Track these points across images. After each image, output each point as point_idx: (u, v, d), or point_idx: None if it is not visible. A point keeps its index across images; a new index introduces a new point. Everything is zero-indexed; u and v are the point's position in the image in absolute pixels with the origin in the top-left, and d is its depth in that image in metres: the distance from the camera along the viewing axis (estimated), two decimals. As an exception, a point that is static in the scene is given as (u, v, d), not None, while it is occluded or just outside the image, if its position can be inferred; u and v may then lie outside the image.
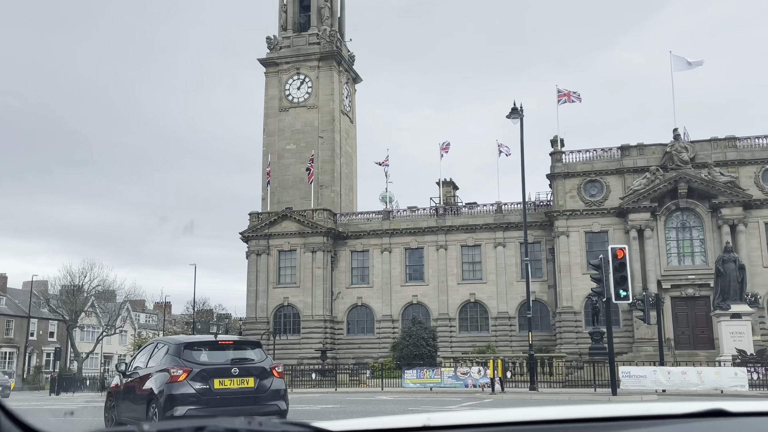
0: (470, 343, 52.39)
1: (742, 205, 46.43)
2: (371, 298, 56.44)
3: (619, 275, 17.58)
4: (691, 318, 47.35)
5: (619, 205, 49.08)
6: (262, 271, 56.87)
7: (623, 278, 17.62)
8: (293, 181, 60.83)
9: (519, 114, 26.92)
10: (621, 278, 17.58)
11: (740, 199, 46.38)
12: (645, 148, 50.35)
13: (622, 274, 17.59)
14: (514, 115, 26.91)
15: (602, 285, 18.01)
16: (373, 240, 57.11)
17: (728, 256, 32.81)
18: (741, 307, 31.81)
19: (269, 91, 63.84)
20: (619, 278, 17.55)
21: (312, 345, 52.88)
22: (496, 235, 54.65)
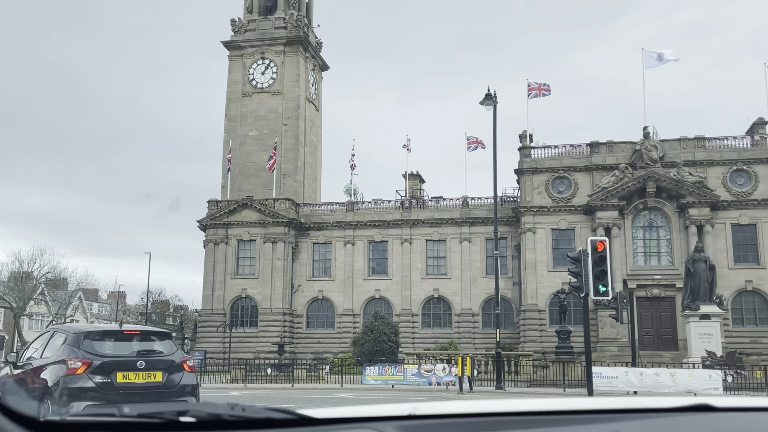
0: (433, 340, 51.55)
1: (710, 206, 46.35)
2: (332, 291, 55.23)
3: (599, 269, 16.67)
4: (656, 319, 47.17)
5: (587, 203, 48.64)
6: (219, 261, 55.22)
7: (603, 273, 16.72)
8: (255, 169, 59.21)
9: (493, 100, 25.99)
10: (600, 273, 16.68)
11: (708, 199, 46.27)
12: (614, 146, 50.01)
13: (601, 268, 16.69)
14: (488, 101, 25.96)
15: (580, 279, 17.10)
16: (336, 232, 55.87)
17: (699, 255, 32.39)
18: (711, 308, 31.42)
19: (232, 75, 62.05)
20: (599, 273, 16.64)
21: (269, 338, 51.43)
22: (461, 230, 53.87)
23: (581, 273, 16.86)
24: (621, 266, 47.66)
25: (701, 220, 46.32)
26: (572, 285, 17.26)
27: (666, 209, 47.73)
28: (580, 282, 16.86)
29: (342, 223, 55.67)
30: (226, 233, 55.54)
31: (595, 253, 16.77)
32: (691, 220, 46.56)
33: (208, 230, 56.16)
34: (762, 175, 47.01)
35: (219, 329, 53.72)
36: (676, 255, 47.31)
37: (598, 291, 16.63)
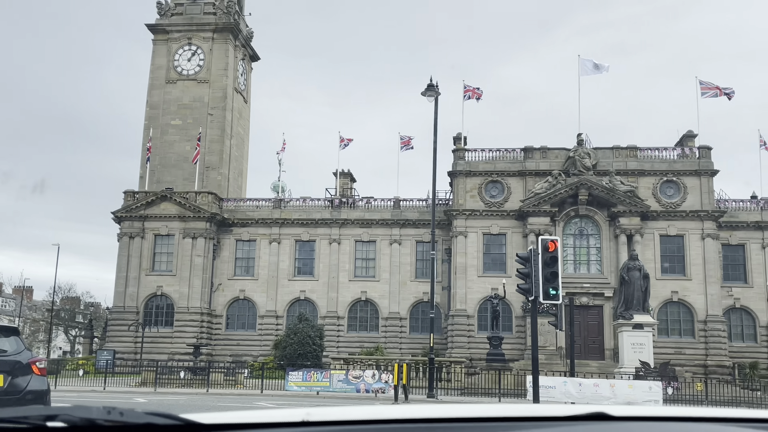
0: (358, 344, 50.12)
1: (640, 216, 46.66)
2: (255, 291, 53.05)
3: (550, 271, 15.55)
4: (584, 327, 47.07)
5: (520, 208, 48.24)
6: (134, 256, 52.21)
7: (554, 275, 15.62)
8: (177, 160, 56.45)
9: (435, 91, 24.73)
10: (551, 275, 15.56)
11: (638, 209, 46.56)
12: (548, 152, 49.85)
13: (552, 269, 15.57)
14: (430, 91, 24.69)
15: (530, 281, 15.91)
16: (261, 229, 53.73)
17: (633, 264, 32.10)
18: (644, 318, 31.13)
19: (156, 60, 59.08)
20: (549, 275, 15.52)
21: (185, 339, 48.89)
22: (392, 231, 52.68)
23: (531, 274, 15.66)
24: (551, 273, 47.45)
25: (631, 229, 46.57)
26: (520, 287, 16.05)
27: (597, 217, 47.81)
28: (529, 284, 15.66)
29: (268, 220, 53.58)
30: (143, 226, 52.60)
31: (546, 254, 15.65)
32: (621, 229, 46.76)
33: (123, 222, 53.07)
34: (691, 186, 47.69)
35: (131, 328, 50.71)
36: (605, 264, 47.42)
37: (548, 294, 15.50)
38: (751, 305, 48.46)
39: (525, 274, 15.86)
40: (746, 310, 48.55)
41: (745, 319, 48.74)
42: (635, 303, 30.80)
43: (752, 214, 49.44)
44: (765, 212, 49.27)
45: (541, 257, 15.59)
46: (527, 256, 15.88)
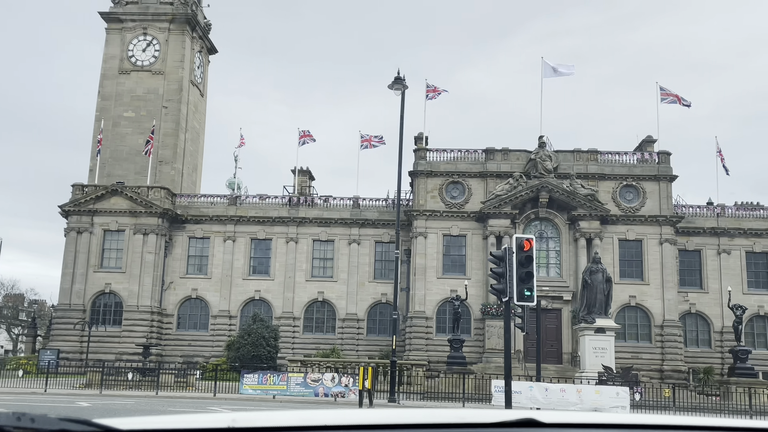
0: (314, 346, 49.18)
1: (600, 220, 46.78)
2: (208, 290, 51.65)
3: (525, 271, 14.88)
4: (542, 331, 46.76)
5: (480, 210, 47.91)
6: (82, 251, 50.32)
7: (529, 275, 14.92)
8: (129, 153, 54.70)
9: (402, 84, 23.98)
10: (526, 275, 14.87)
11: (599, 213, 46.68)
12: (509, 153, 49.65)
13: (527, 269, 14.88)
14: (397, 85, 23.93)
15: (504, 281, 15.20)
16: (215, 226, 52.36)
17: (596, 267, 31.88)
18: (606, 322, 30.91)
19: (109, 50, 57.21)
20: (524, 275, 14.84)
21: (134, 339, 47.22)
22: (351, 231, 51.86)
23: (505, 274, 14.97)
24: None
25: (591, 233, 46.66)
26: (494, 288, 15.33)
27: (557, 220, 47.79)
28: (504, 285, 14.96)
29: (223, 217, 52.25)
30: (92, 221, 50.75)
31: (521, 253, 14.99)
32: (581, 232, 46.81)
33: (70, 217, 51.15)
34: (650, 191, 48.01)
35: (77, 327, 48.85)
36: (564, 267, 47.41)
37: (523, 295, 14.84)
38: (707, 311, 49.05)
39: (499, 274, 15.15)
40: (701, 315, 49.13)
41: (700, 325, 49.31)
42: (597, 307, 30.57)
43: (708, 220, 50.05)
44: (721, 218, 49.93)
45: (516, 256, 14.93)
46: (502, 255, 15.20)
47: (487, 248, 47.96)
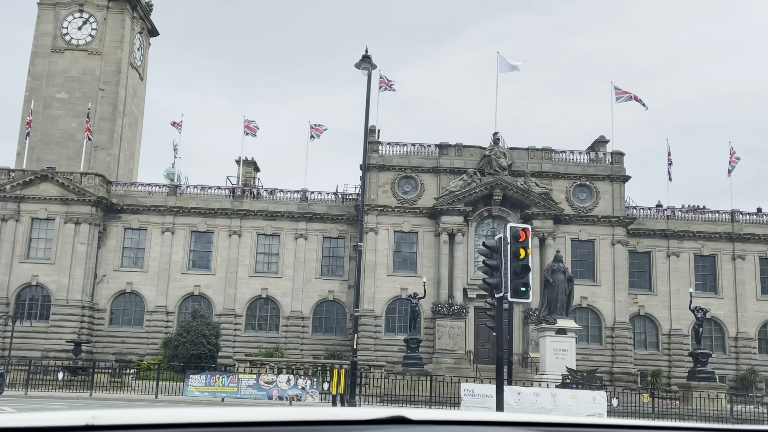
0: (257, 344, 47.36)
1: (554, 219, 46.45)
2: (144, 284, 49.14)
3: (520, 264, 13.59)
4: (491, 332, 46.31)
5: (433, 206, 46.97)
6: (7, 240, 47.17)
7: (525, 268, 13.57)
8: (60, 137, 51.72)
9: (370, 63, 22.55)
10: (522, 268, 13.56)
11: (552, 212, 46.34)
12: (464, 149, 48.86)
13: (523, 262, 13.62)
14: (365, 63, 22.42)
15: (498, 275, 13.81)
16: (153, 217, 49.88)
17: (558, 266, 31.15)
18: (567, 323, 30.22)
19: (41, 26, 54.02)
20: (520, 268, 13.52)
21: (63, 335, 44.42)
22: (298, 225, 50.18)
23: (500, 267, 13.61)
24: (463, 274, 46.50)
25: (544, 232, 46.27)
26: (487, 282, 13.97)
27: (510, 219, 47.08)
28: (498, 279, 13.56)
29: (161, 207, 49.81)
30: (18, 209, 47.61)
31: (515, 244, 13.70)
32: (534, 231, 46.19)
33: (-6, 203, 47.91)
34: (603, 191, 47.94)
35: (0, 321, 45.76)
36: (517, 266, 46.88)
37: (519, 291, 13.53)
38: (655, 313, 49.32)
39: (492, 267, 13.74)
40: (650, 317, 49.38)
41: (649, 327, 49.56)
42: (559, 307, 29.85)
43: (659, 223, 50.35)
44: (671, 221, 50.29)
45: (510, 248, 13.64)
46: (495, 246, 13.80)
47: (440, 246, 47.10)
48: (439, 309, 45.33)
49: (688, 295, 48.99)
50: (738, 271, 49.97)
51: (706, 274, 50.25)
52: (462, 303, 45.82)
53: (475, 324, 46.35)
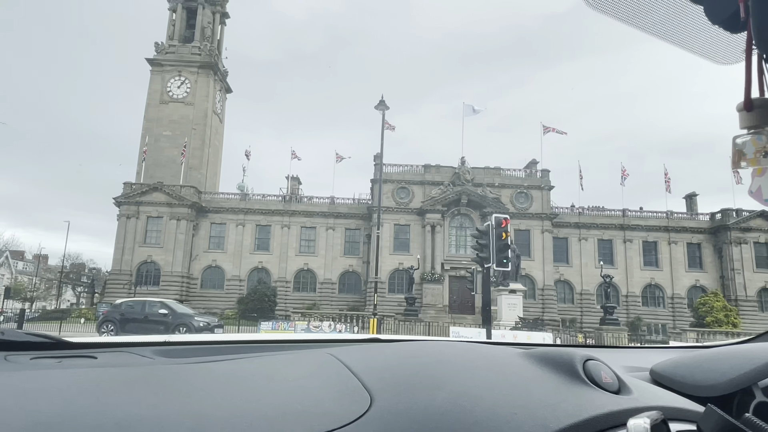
0: (300, 301, 46.34)
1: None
2: (224, 261, 48.15)
3: (502, 243, 12.82)
4: (461, 291, 45.27)
5: (420, 207, 46.04)
6: (130, 231, 46.18)
7: (505, 246, 12.75)
8: (166, 161, 50.61)
9: (384, 105, 21.92)
10: (504, 246, 12.75)
11: (501, 211, 44.99)
12: (441, 168, 47.90)
13: (505, 242, 12.85)
14: (381, 106, 21.93)
15: (487, 251, 13.04)
16: (230, 216, 48.90)
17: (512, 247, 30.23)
18: (516, 285, 29.36)
19: (153, 85, 52.91)
20: (502, 246, 12.72)
21: (169, 295, 43.26)
22: (328, 221, 49.20)
23: (488, 245, 12.80)
24: (441, 253, 45.53)
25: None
26: (479, 256, 13.14)
27: (472, 215, 46.25)
28: (487, 254, 12.80)
29: (236, 209, 48.85)
30: (138, 210, 46.63)
31: (498, 228, 12.91)
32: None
33: (122, 206, 46.88)
34: (535, 197, 47.04)
35: (125, 286, 44.75)
36: (477, 248, 45.91)
37: (501, 262, 12.74)
38: (571, 279, 48.39)
39: (483, 245, 12.94)
40: (568, 282, 48.41)
41: (567, 289, 48.57)
42: (511, 274, 29.03)
43: (573, 217, 49.42)
44: (581, 216, 49.37)
45: (495, 231, 12.84)
46: (485, 231, 13.04)
47: (425, 234, 46.11)
48: (425, 277, 44.37)
49: (595, 267, 48.31)
50: (628, 251, 49.03)
51: (606, 252, 49.29)
52: (440, 273, 44.88)
53: (449, 287, 45.40)
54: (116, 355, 1.09)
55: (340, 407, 0.76)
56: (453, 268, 45.67)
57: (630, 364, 1.30)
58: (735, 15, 0.90)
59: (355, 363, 0.93)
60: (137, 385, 0.80)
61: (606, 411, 0.74)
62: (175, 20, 54.72)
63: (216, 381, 0.84)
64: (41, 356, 0.99)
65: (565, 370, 0.85)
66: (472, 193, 45.41)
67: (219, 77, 55.92)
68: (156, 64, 52.88)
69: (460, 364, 0.89)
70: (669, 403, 0.83)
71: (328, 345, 1.34)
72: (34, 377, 0.82)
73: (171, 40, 54.20)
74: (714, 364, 1.11)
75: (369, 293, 45.58)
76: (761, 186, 0.97)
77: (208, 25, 55.13)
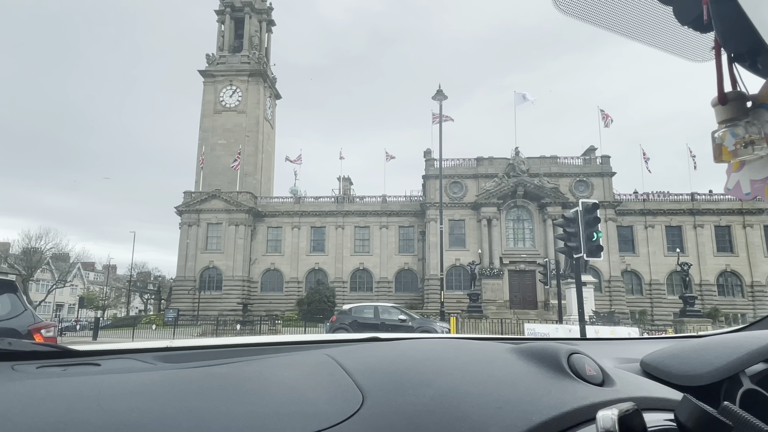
0: (358, 301, 45.86)
1: (561, 205, 43.45)
2: (282, 264, 48.64)
3: (592, 231, 11.60)
4: (522, 286, 43.79)
5: (475, 201, 44.77)
6: (192, 238, 47.41)
7: (596, 233, 11.45)
8: (222, 169, 51.67)
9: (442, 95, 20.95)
10: (594, 233, 11.44)
11: (560, 201, 43.43)
12: (494, 161, 46.42)
13: (593, 229, 11.67)
14: (439, 95, 20.99)
15: (576, 239, 11.82)
16: (285, 219, 49.35)
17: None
18: (587, 278, 27.69)
19: (206, 96, 54.21)
20: (591, 234, 11.57)
21: (231, 300, 44.37)
22: (381, 219, 48.76)
23: (577, 233, 11.63)
24: (498, 247, 44.09)
25: (555, 215, 43.16)
26: (567, 245, 11.89)
27: (530, 207, 44.55)
28: (576, 242, 11.60)
29: (290, 212, 49.24)
30: (198, 217, 47.83)
31: (588, 214, 11.67)
32: (548, 215, 43.58)
33: (183, 215, 48.22)
34: (596, 184, 44.75)
35: (190, 292, 46.00)
36: (536, 240, 44.22)
37: (592, 251, 11.49)
38: (638, 269, 45.73)
39: (571, 234, 11.72)
40: (635, 272, 45.79)
41: (634, 279, 45.96)
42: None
43: (637, 204, 46.70)
44: (647, 203, 46.59)
45: (584, 218, 11.60)
46: (573, 217, 11.78)
47: (481, 228, 44.80)
48: (483, 272, 43.00)
49: (663, 255, 45.51)
50: (699, 237, 45.83)
51: (675, 239, 46.30)
52: (499, 267, 43.46)
53: (509, 281, 43.90)
54: (119, 362, 1.11)
55: (332, 407, 0.78)
56: (512, 262, 44.16)
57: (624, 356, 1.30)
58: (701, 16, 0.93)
59: (350, 363, 0.94)
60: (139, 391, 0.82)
61: (588, 403, 0.76)
62: (224, 31, 55.90)
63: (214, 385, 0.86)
64: (47, 365, 1.02)
65: (549, 364, 0.87)
66: (528, 183, 43.72)
67: (268, 84, 56.67)
68: (208, 75, 54.17)
69: (449, 361, 0.91)
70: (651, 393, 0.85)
71: (326, 345, 1.30)
72: (39, 385, 0.84)
73: (221, 51, 55.38)
74: (701, 353, 1.11)
75: (426, 290, 44.77)
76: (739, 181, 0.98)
77: (255, 34, 55.98)
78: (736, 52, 0.93)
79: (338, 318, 19.77)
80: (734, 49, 0.92)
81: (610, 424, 0.65)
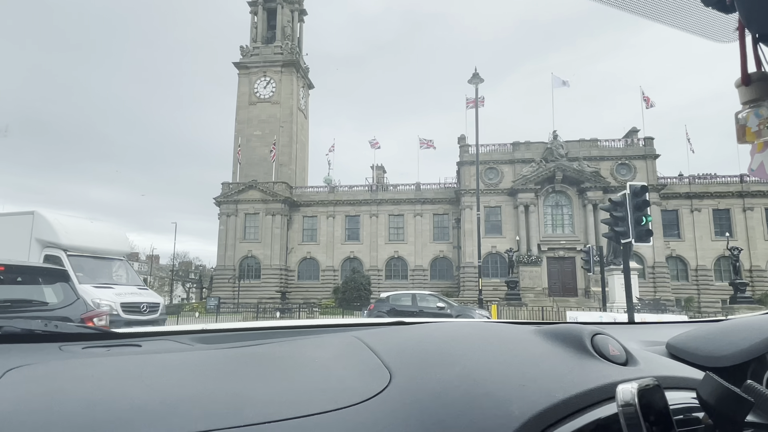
0: (393, 289, 45.97)
1: (602, 190, 42.20)
2: (318, 252, 49.16)
3: (641, 215, 11.08)
4: (561, 273, 42.88)
5: (511, 187, 43.92)
6: (230, 229, 48.43)
7: (645, 217, 10.92)
8: (258, 160, 52.39)
9: (478, 78, 20.48)
10: (643, 217, 10.91)
11: (601, 185, 42.14)
12: (531, 145, 45.36)
13: (642, 213, 11.12)
14: (475, 79, 20.51)
15: (624, 224, 11.29)
16: (320, 208, 49.74)
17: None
18: (631, 264, 26.73)
19: (241, 88, 54.88)
20: (640, 218, 11.07)
21: (270, 288, 45.20)
22: (415, 207, 48.53)
23: (625, 217, 11.17)
24: (536, 234, 43.23)
25: (596, 200, 42.15)
26: (615, 230, 11.41)
27: (569, 192, 43.41)
28: (624, 227, 11.10)
29: (325, 201, 49.59)
30: (236, 208, 48.76)
31: (637, 197, 11.12)
32: (588, 200, 42.39)
33: (221, 206, 49.24)
34: (639, 167, 43.15)
35: (230, 281, 47.10)
36: (576, 226, 43.09)
37: (641, 236, 10.97)
38: (684, 254, 44.06)
39: (619, 218, 11.20)
40: (680, 258, 44.15)
41: (680, 265, 44.34)
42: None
43: (683, 187, 44.87)
44: (692, 185, 44.70)
45: (633, 201, 11.12)
46: (621, 201, 11.26)
47: (518, 215, 44.01)
48: (521, 259, 42.36)
49: (711, 240, 43.71)
50: (749, 220, 43.73)
51: (722, 223, 44.32)
52: (537, 254, 42.67)
53: (548, 269, 43.07)
54: (159, 343, 1.15)
55: (362, 384, 0.82)
56: (551, 249, 43.25)
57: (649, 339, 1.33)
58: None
59: (378, 344, 0.98)
60: (178, 369, 0.87)
61: (611, 381, 0.77)
62: (256, 22, 56.33)
63: (248, 363, 0.90)
64: (92, 346, 1.08)
65: (573, 344, 0.88)
66: (567, 168, 42.56)
67: (301, 74, 56.91)
68: (242, 67, 54.80)
69: (474, 342, 0.93)
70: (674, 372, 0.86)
71: (354, 328, 1.33)
72: (86, 364, 0.89)
73: (254, 42, 55.85)
74: (727, 335, 1.12)
75: (462, 278, 44.42)
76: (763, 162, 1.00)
77: (287, 24, 56.18)
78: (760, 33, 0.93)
79: (376, 306, 19.83)
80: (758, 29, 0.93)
81: (630, 397, 0.66)
